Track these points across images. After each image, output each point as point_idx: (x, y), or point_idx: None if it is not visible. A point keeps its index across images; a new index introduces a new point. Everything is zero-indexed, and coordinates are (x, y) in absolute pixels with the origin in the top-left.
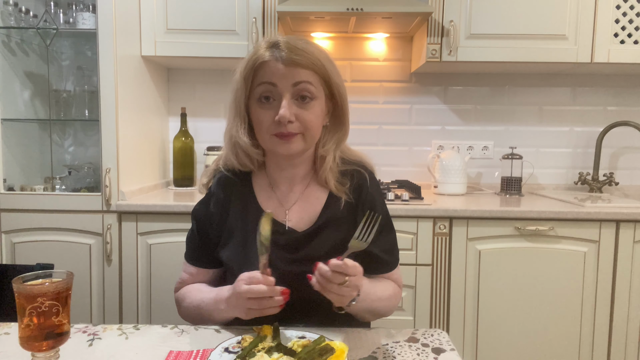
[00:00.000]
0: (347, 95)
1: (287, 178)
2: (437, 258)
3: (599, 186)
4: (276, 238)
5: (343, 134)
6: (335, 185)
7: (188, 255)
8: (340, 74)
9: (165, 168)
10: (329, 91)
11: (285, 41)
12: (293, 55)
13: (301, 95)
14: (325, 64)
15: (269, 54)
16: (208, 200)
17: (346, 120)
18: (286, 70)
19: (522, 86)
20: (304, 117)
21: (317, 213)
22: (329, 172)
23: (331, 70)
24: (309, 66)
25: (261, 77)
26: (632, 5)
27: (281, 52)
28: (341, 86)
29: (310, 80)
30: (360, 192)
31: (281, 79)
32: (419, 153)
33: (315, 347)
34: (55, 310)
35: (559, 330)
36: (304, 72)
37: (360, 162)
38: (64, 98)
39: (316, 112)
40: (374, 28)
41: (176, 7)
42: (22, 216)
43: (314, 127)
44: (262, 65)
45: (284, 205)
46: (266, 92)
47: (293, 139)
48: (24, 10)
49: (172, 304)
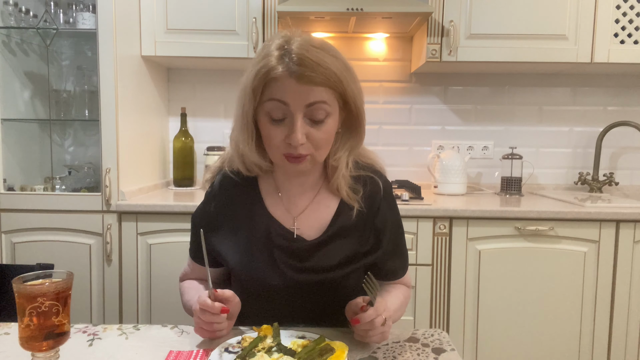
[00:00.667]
0: None
1: (297, 184)
2: (437, 258)
3: (599, 186)
4: (283, 245)
5: (357, 140)
6: (348, 192)
7: (191, 250)
8: (357, 81)
9: (165, 168)
10: (343, 102)
11: (298, 51)
12: (307, 71)
13: (315, 115)
14: (341, 76)
15: (281, 67)
16: (209, 202)
17: (362, 127)
18: (299, 87)
19: (522, 86)
20: (315, 137)
21: (327, 222)
22: (342, 179)
23: (348, 82)
24: (325, 83)
25: (272, 92)
26: (632, 5)
27: (294, 65)
28: (358, 95)
29: (325, 99)
30: (373, 202)
31: (294, 98)
32: (419, 153)
33: (316, 347)
34: (55, 310)
35: (559, 330)
36: (318, 90)
37: (372, 167)
38: (64, 98)
39: (329, 129)
40: (374, 28)
41: (176, 7)
42: (22, 216)
43: (325, 144)
44: (273, 79)
45: (292, 212)
46: (277, 110)
47: (303, 161)
48: (24, 10)
49: (172, 304)
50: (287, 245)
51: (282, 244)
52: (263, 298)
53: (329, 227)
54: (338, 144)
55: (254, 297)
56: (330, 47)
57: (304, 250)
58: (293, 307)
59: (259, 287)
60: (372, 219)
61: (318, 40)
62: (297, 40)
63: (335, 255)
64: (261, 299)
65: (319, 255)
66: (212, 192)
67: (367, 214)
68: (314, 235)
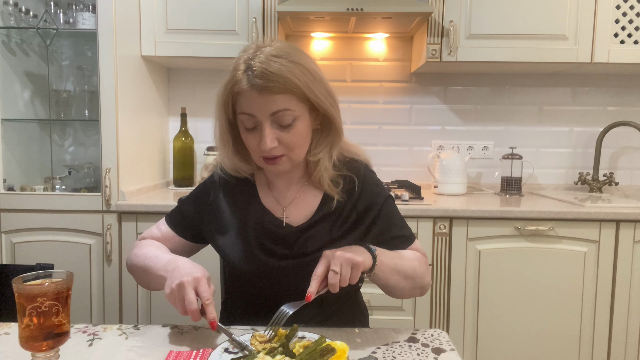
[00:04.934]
0: (339, 96)
1: (284, 181)
2: (437, 258)
3: (599, 186)
4: (274, 233)
5: (335, 136)
6: (329, 185)
7: (172, 217)
8: (322, 81)
9: (165, 168)
10: (311, 104)
11: (259, 64)
12: (266, 83)
13: (281, 121)
14: (300, 82)
15: (245, 80)
16: (210, 188)
17: (335, 123)
18: (261, 99)
19: (522, 86)
20: (286, 140)
21: (313, 210)
22: (324, 171)
23: (308, 87)
24: (284, 91)
25: (241, 106)
26: (632, 5)
27: (255, 79)
28: (323, 97)
29: (288, 106)
30: (353, 188)
31: (258, 109)
32: (419, 153)
33: (316, 347)
34: (55, 310)
35: (559, 330)
36: (279, 98)
37: (356, 157)
38: (64, 98)
39: (299, 131)
40: (374, 28)
41: (176, 7)
42: (22, 216)
43: (298, 145)
44: (239, 93)
45: (281, 203)
46: (248, 121)
47: (279, 161)
48: (24, 10)
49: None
50: (277, 232)
51: (273, 231)
52: (252, 282)
53: (314, 214)
54: (317, 140)
55: (243, 280)
56: (294, 54)
57: (290, 235)
58: (280, 290)
59: (248, 271)
60: (354, 202)
61: (284, 48)
62: (263, 52)
63: (318, 240)
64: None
65: (304, 240)
66: (212, 180)
67: (348, 199)
68: (301, 222)
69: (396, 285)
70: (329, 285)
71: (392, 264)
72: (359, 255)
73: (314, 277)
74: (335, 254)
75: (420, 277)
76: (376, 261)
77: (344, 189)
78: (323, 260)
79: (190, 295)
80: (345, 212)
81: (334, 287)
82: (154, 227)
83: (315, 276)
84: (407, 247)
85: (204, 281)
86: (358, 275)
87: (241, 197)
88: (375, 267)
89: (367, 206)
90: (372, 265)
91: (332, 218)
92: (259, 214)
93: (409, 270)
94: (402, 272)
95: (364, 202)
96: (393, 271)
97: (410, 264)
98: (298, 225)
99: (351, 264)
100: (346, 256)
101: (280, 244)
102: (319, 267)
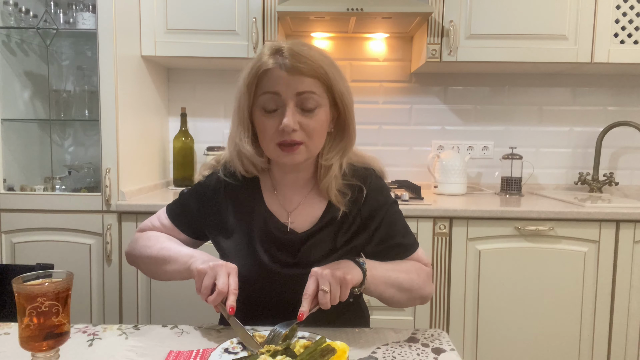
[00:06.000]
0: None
1: (291, 181)
2: (437, 258)
3: (599, 186)
4: (278, 239)
5: (348, 142)
6: (336, 195)
7: (173, 209)
8: (345, 81)
9: (165, 168)
10: (332, 99)
11: (289, 47)
12: (296, 63)
13: (305, 104)
14: (328, 71)
15: (272, 61)
16: (214, 186)
17: (351, 128)
18: (290, 78)
19: (522, 86)
20: (307, 125)
21: (318, 216)
22: (333, 179)
23: (335, 78)
24: (313, 74)
25: (265, 86)
26: (632, 5)
27: (284, 60)
28: (345, 94)
29: (314, 90)
30: (360, 195)
31: (285, 87)
32: (419, 153)
33: (317, 347)
34: (55, 310)
35: (559, 330)
36: (307, 80)
37: (362, 171)
38: (64, 98)
39: (320, 119)
40: (374, 28)
41: (176, 7)
42: (22, 216)
43: (317, 135)
44: (265, 73)
45: (286, 207)
46: (270, 102)
47: (297, 150)
48: (24, 10)
49: (172, 304)
50: (281, 238)
51: (278, 237)
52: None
53: (318, 221)
54: (330, 144)
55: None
56: (319, 48)
57: (294, 242)
58: (282, 297)
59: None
60: (359, 208)
61: (307, 44)
62: (287, 43)
63: (321, 247)
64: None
65: (307, 247)
66: (218, 179)
67: (354, 206)
68: (305, 228)
69: (392, 297)
70: (320, 304)
71: (385, 277)
72: (348, 272)
73: (304, 296)
74: (324, 273)
75: (418, 289)
76: (366, 275)
77: (351, 199)
78: (312, 278)
79: (224, 278)
80: (349, 218)
81: (325, 306)
82: (154, 218)
83: (307, 295)
84: (409, 256)
85: (235, 272)
86: (347, 293)
87: (246, 200)
88: (366, 282)
89: (371, 212)
90: (362, 280)
91: (337, 225)
92: (264, 218)
93: (404, 282)
94: (397, 284)
95: (369, 208)
96: (387, 284)
97: (407, 276)
98: (302, 231)
99: (340, 281)
100: (335, 274)
101: (285, 250)
102: (309, 286)
